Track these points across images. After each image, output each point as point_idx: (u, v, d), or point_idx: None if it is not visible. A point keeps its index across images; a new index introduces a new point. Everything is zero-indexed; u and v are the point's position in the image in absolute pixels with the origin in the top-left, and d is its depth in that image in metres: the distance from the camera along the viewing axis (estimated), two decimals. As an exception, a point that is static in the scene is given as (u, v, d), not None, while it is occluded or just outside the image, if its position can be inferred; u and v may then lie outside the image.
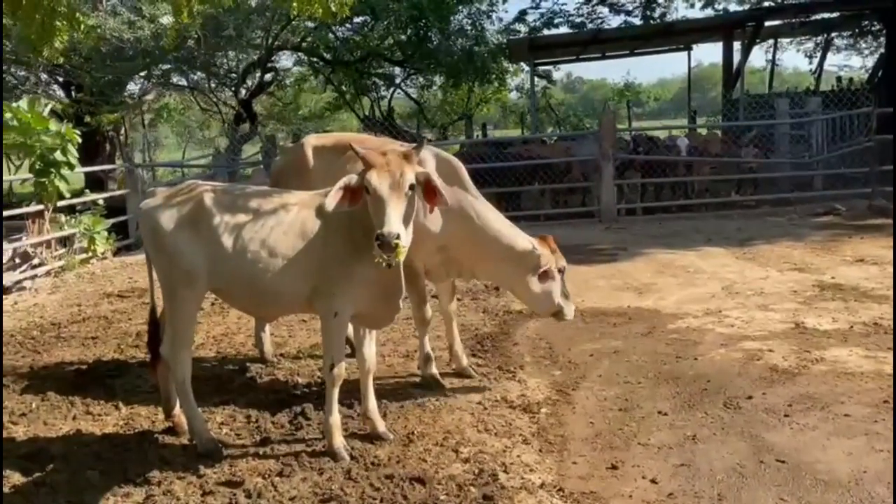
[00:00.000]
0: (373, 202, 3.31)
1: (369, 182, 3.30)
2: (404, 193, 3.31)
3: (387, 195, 3.27)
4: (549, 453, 3.79)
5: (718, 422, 4.06)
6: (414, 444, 3.91)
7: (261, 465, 3.72)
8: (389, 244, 3.15)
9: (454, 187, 4.42)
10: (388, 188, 3.28)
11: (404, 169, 3.33)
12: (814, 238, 9.27)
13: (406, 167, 3.35)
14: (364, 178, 3.34)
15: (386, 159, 3.36)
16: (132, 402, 4.73)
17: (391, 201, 3.26)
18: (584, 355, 5.28)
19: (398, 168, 3.32)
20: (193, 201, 3.78)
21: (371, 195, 3.31)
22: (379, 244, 3.17)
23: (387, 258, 3.20)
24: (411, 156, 3.41)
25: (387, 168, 3.32)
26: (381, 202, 3.26)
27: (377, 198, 3.28)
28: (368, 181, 3.31)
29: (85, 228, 10.46)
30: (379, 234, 3.17)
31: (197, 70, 22.17)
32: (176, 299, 3.81)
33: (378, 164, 3.33)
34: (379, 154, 3.40)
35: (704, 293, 6.84)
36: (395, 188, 3.29)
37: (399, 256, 3.21)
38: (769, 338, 5.43)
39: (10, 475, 3.73)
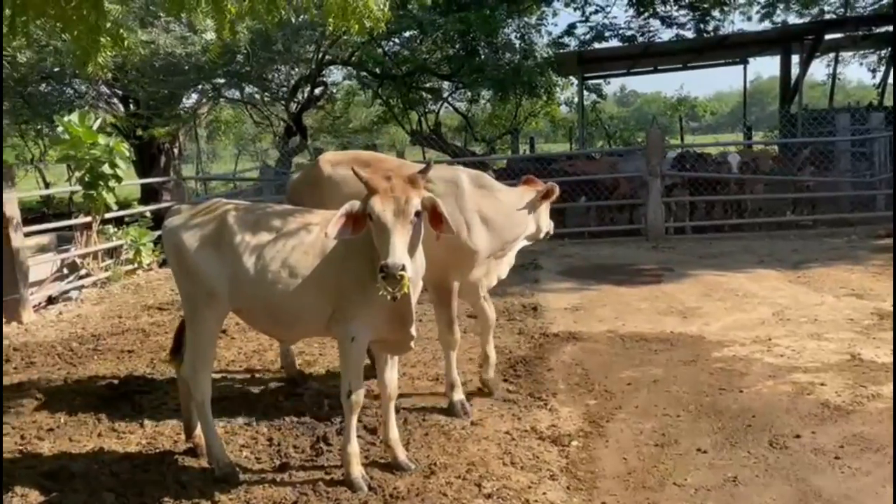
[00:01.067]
0: (376, 230, 3.16)
1: (372, 209, 3.15)
2: (409, 221, 3.15)
3: (391, 223, 3.11)
4: (577, 491, 3.58)
5: (762, 462, 3.79)
6: (436, 475, 3.74)
7: (276, 493, 3.61)
8: (395, 276, 3.00)
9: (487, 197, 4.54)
10: (392, 215, 3.12)
11: (410, 194, 3.17)
12: (874, 261, 8.81)
13: (412, 192, 3.18)
14: (367, 205, 3.20)
15: (390, 184, 3.20)
16: (157, 420, 4.69)
17: (396, 229, 3.10)
18: (622, 384, 5.05)
19: (403, 194, 3.16)
20: (216, 220, 3.72)
21: (374, 222, 3.15)
22: (383, 276, 3.02)
23: (391, 290, 3.05)
24: (417, 180, 3.25)
25: (391, 194, 3.17)
26: (385, 230, 3.10)
27: (381, 226, 3.12)
28: (371, 208, 3.16)
29: (131, 240, 10.63)
30: (383, 265, 3.02)
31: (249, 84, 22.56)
32: (197, 319, 3.74)
33: (382, 190, 3.18)
34: (383, 178, 3.26)
35: (753, 319, 6.51)
36: (399, 215, 3.12)
37: (405, 288, 3.05)
38: (822, 370, 5.11)
39: (29, 493, 3.71)
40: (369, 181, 3.23)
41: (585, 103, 24.29)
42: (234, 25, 6.72)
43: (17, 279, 8.01)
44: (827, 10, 19.98)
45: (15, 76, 14.84)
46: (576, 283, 8.39)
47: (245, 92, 23.79)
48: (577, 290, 8.05)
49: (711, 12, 18.90)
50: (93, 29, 6.30)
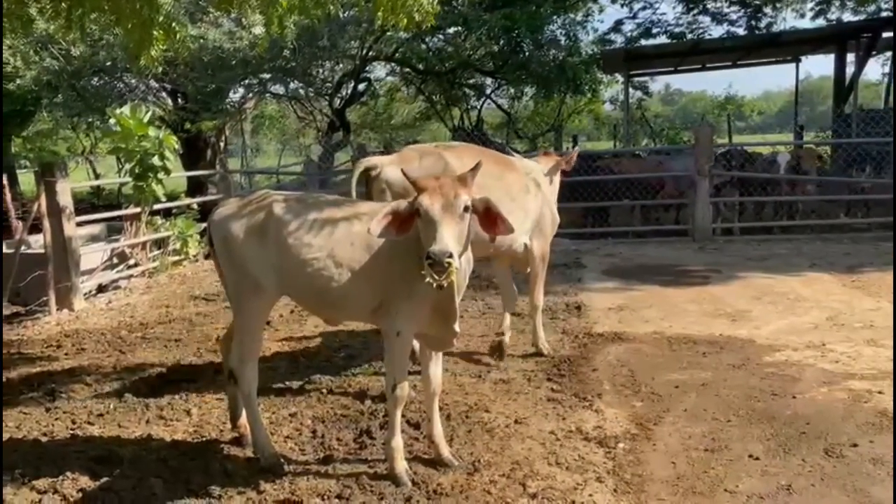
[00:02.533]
0: (424, 224, 3.13)
1: (421, 204, 3.13)
2: (458, 215, 3.12)
3: (439, 216, 3.09)
4: (624, 494, 3.50)
5: (818, 471, 3.67)
6: (479, 473, 3.71)
7: (321, 485, 3.61)
8: (441, 263, 2.96)
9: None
10: (441, 208, 3.10)
11: (458, 191, 3.15)
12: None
13: (461, 190, 3.16)
14: (416, 202, 3.18)
15: (438, 182, 3.19)
16: (204, 409, 4.75)
17: (443, 221, 3.08)
18: (669, 386, 4.94)
19: (451, 190, 3.15)
20: (263, 211, 3.73)
21: (422, 217, 3.13)
22: (430, 263, 2.99)
23: (437, 278, 3.02)
24: (466, 179, 3.22)
25: (439, 191, 3.15)
26: (433, 222, 3.08)
27: (428, 219, 3.10)
28: (420, 203, 3.14)
29: (179, 231, 10.81)
30: (430, 251, 2.99)
31: (294, 79, 22.80)
32: (244, 310, 3.76)
33: (430, 188, 3.17)
34: (431, 178, 3.25)
35: (806, 323, 6.32)
36: (447, 209, 3.10)
37: (451, 276, 3.02)
38: (879, 377, 4.93)
39: (79, 476, 3.77)
40: (417, 181, 3.22)
41: (631, 101, 23.99)
42: (283, 20, 6.76)
43: (69, 267, 8.20)
44: (884, 8, 19.34)
45: (69, 69, 15.18)
46: (620, 283, 8.26)
47: (290, 87, 24.07)
48: (622, 290, 7.93)
49: (764, 9, 18.44)
50: (146, 23, 6.40)
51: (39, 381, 5.50)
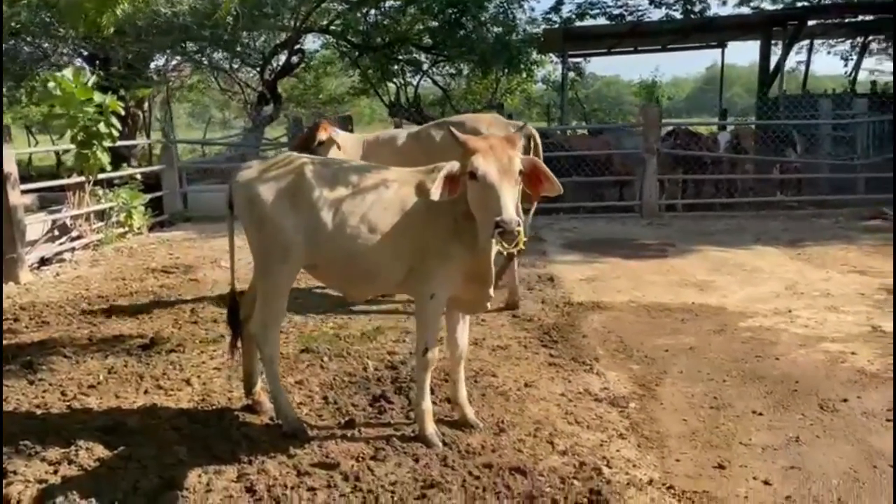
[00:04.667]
0: (480, 189, 3.13)
1: (476, 167, 3.14)
2: (515, 179, 3.15)
3: (498, 181, 3.10)
4: (648, 450, 3.66)
5: (818, 424, 3.93)
6: (505, 433, 3.79)
7: (352, 448, 3.61)
8: (512, 232, 3.00)
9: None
10: (498, 173, 3.12)
11: (510, 154, 3.17)
12: (865, 241, 9.10)
13: (512, 152, 3.19)
14: (469, 164, 3.18)
15: (489, 143, 3.20)
16: (203, 378, 4.64)
17: (503, 187, 3.10)
18: (659, 350, 5.15)
19: (504, 153, 3.16)
20: (293, 173, 3.66)
21: (479, 181, 3.13)
22: (500, 232, 3.01)
23: (507, 246, 3.06)
24: (515, 140, 3.24)
25: (492, 153, 3.16)
26: (493, 188, 3.08)
27: (487, 184, 3.10)
28: (475, 167, 3.14)
29: (123, 202, 10.36)
30: (500, 221, 3.00)
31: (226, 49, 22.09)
32: (271, 274, 3.69)
33: (483, 149, 3.17)
34: (480, 139, 3.26)
35: (768, 292, 6.69)
36: (505, 173, 3.12)
37: (520, 244, 3.06)
38: (848, 340, 5.29)
39: (92, 446, 3.63)
40: (468, 142, 3.22)
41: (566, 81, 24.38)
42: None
43: (14, 238, 7.77)
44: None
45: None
46: (583, 256, 8.47)
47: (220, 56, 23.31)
48: (587, 262, 8.14)
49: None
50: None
51: (12, 353, 5.22)
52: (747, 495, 3.22)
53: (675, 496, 3.19)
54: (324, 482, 3.29)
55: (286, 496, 3.16)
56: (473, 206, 3.24)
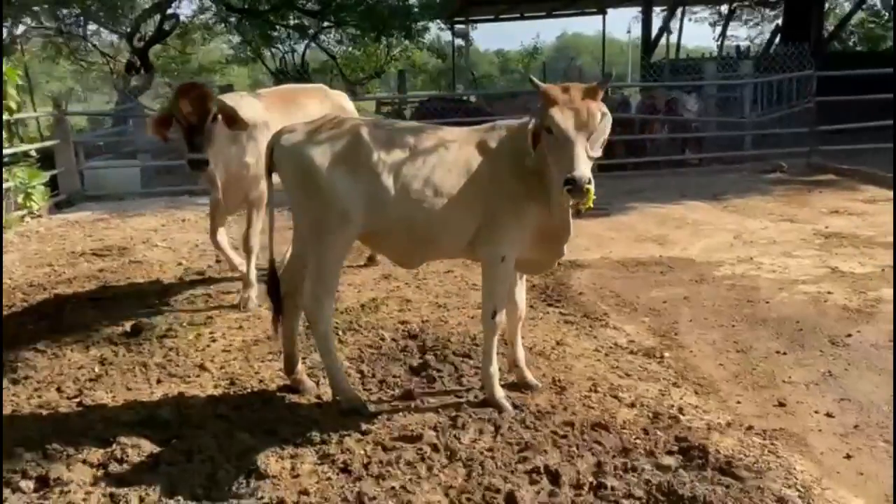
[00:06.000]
0: (556, 142, 3.06)
1: (552, 120, 3.06)
2: (591, 133, 3.10)
3: (573, 135, 3.02)
4: (706, 395, 3.80)
5: (840, 358, 4.22)
6: (567, 391, 3.80)
7: (425, 419, 3.49)
8: (581, 189, 2.96)
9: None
10: (574, 127, 3.05)
11: (590, 106, 3.11)
12: (777, 192, 9.81)
13: (592, 104, 3.13)
14: (546, 117, 3.11)
15: (569, 95, 3.12)
16: (218, 362, 4.32)
17: (578, 141, 3.02)
18: (657, 302, 5.33)
19: (584, 105, 3.10)
20: (349, 136, 3.44)
21: (555, 135, 3.07)
22: (569, 189, 2.97)
23: (575, 203, 3.03)
24: (597, 91, 3.18)
25: (571, 105, 3.10)
26: (568, 142, 3.01)
27: (563, 138, 3.03)
28: (551, 119, 3.07)
29: (20, 182, 9.37)
30: (570, 178, 2.93)
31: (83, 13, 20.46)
32: (326, 244, 3.46)
33: (561, 101, 3.10)
34: (561, 89, 3.19)
35: (722, 243, 7.07)
36: (581, 128, 3.05)
37: (590, 202, 3.03)
38: (818, 281, 5.69)
39: (136, 442, 3.29)
40: (547, 91, 3.13)
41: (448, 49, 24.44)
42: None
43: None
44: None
45: None
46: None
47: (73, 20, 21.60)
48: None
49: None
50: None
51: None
52: (821, 429, 3.42)
53: (757, 435, 3.33)
54: (416, 455, 3.16)
55: (389, 472, 3.02)
56: (550, 161, 3.18)
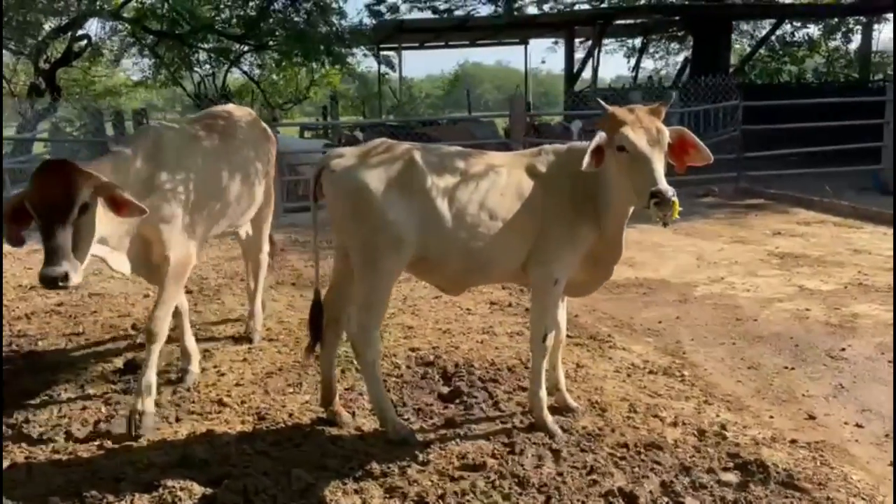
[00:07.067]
0: (632, 161, 3.16)
1: (626, 139, 3.16)
2: (664, 150, 3.21)
3: (649, 151, 3.14)
4: (738, 411, 3.91)
5: (844, 371, 4.45)
6: (608, 413, 3.84)
7: (480, 447, 3.44)
8: (668, 201, 3.05)
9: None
10: (648, 144, 3.16)
11: (658, 124, 3.23)
12: (717, 216, 10.28)
13: (659, 123, 3.25)
14: (618, 136, 3.19)
15: (636, 115, 3.23)
16: (236, 398, 4.11)
17: (654, 157, 3.14)
18: (653, 322, 5.48)
19: (652, 124, 3.21)
20: (402, 161, 3.38)
21: (630, 153, 3.16)
22: (656, 202, 3.06)
23: (663, 216, 3.11)
24: (660, 111, 3.30)
25: (640, 124, 3.20)
26: (645, 159, 3.12)
27: (639, 155, 3.13)
28: (625, 138, 3.16)
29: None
30: (655, 191, 3.03)
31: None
32: (377, 270, 3.38)
33: (630, 121, 3.20)
34: (627, 110, 3.28)
35: (688, 264, 7.34)
36: (654, 144, 3.17)
37: (675, 214, 3.13)
38: (792, 299, 6.00)
39: (183, 485, 3.09)
40: (615, 113, 3.21)
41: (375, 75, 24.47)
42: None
43: None
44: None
45: None
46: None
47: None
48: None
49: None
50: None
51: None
52: (857, 439, 3.59)
53: (803, 448, 3.46)
54: (486, 484, 3.11)
55: (467, 502, 2.95)
56: (621, 179, 3.24)
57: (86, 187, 3.20)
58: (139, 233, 3.72)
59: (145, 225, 3.68)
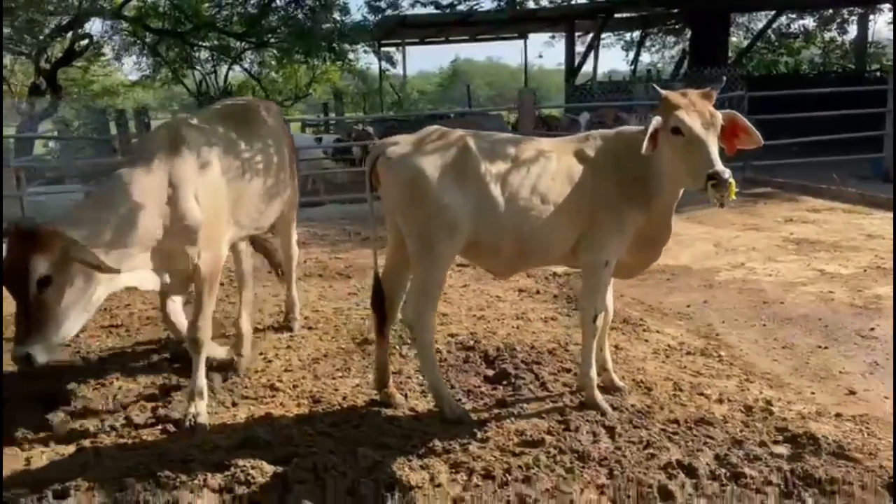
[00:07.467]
0: (687, 144, 3.26)
1: (682, 122, 3.25)
2: (717, 133, 3.31)
3: (704, 134, 3.24)
4: (780, 388, 4.02)
5: (876, 350, 4.57)
6: (653, 392, 3.94)
7: (536, 424, 3.53)
8: (725, 182, 3.16)
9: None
10: (703, 127, 3.26)
11: (710, 108, 3.33)
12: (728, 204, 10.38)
13: (710, 106, 3.34)
14: (673, 120, 3.29)
15: (689, 99, 3.33)
16: (287, 383, 4.19)
17: (709, 140, 3.25)
18: (681, 306, 5.59)
19: (705, 107, 3.31)
20: (457, 147, 3.48)
21: (686, 136, 3.26)
22: (713, 184, 3.16)
23: (720, 197, 3.21)
24: (712, 96, 3.39)
25: (694, 108, 3.30)
26: (700, 142, 3.22)
27: (694, 138, 3.23)
28: (681, 122, 3.25)
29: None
30: (713, 173, 3.14)
31: None
32: (433, 255, 3.47)
33: (684, 105, 3.30)
34: (680, 94, 3.38)
35: (707, 251, 7.46)
36: (708, 127, 3.27)
37: (732, 195, 3.23)
38: (814, 282, 6.11)
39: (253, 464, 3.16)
40: (670, 97, 3.31)
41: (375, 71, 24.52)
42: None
43: None
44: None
45: None
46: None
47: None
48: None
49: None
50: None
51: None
52: (900, 412, 3.70)
53: (849, 421, 3.57)
54: (548, 459, 3.21)
55: (535, 475, 3.05)
56: (675, 162, 3.33)
57: (43, 259, 2.91)
58: (163, 247, 3.52)
59: (170, 238, 3.51)
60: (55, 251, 2.93)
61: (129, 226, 3.29)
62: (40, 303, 2.96)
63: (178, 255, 3.61)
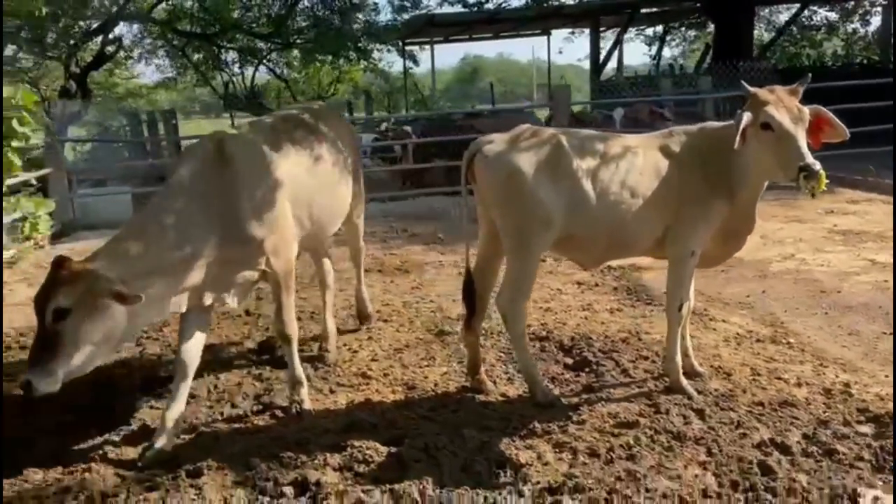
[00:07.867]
0: (777, 138, 3.42)
1: (772, 118, 3.42)
2: (805, 127, 3.47)
3: (793, 129, 3.41)
4: (854, 372, 4.17)
5: (943, 336, 4.70)
6: (733, 377, 4.10)
7: (627, 407, 3.71)
8: (816, 173, 3.32)
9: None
10: (791, 122, 3.43)
11: (797, 104, 3.49)
12: (766, 196, 10.37)
13: (797, 102, 3.50)
14: (763, 115, 3.45)
15: (777, 95, 3.49)
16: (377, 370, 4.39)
17: (799, 134, 3.41)
18: (741, 296, 5.75)
19: (792, 103, 3.48)
20: (550, 145, 3.66)
21: (776, 131, 3.42)
22: (805, 175, 3.32)
23: (811, 188, 3.37)
24: (798, 91, 3.55)
25: (782, 103, 3.47)
26: (790, 136, 3.38)
27: (784, 132, 3.39)
28: (771, 117, 3.42)
29: (28, 211, 9.00)
30: (804, 165, 3.31)
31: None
32: (527, 248, 3.66)
33: (773, 101, 3.46)
34: (768, 91, 3.54)
35: (754, 243, 7.41)
36: (797, 122, 3.43)
37: (822, 186, 3.39)
38: (867, 272, 6.24)
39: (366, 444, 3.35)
40: (758, 94, 3.47)
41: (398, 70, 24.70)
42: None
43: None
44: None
45: None
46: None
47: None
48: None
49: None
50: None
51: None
52: (977, 392, 3.85)
53: (923, 403, 3.72)
54: (647, 439, 3.38)
55: (638, 454, 3.23)
56: (763, 156, 3.49)
57: (65, 292, 2.97)
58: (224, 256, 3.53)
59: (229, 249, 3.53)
60: (79, 286, 2.99)
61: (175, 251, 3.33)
62: (54, 334, 3.01)
63: (244, 264, 3.67)
